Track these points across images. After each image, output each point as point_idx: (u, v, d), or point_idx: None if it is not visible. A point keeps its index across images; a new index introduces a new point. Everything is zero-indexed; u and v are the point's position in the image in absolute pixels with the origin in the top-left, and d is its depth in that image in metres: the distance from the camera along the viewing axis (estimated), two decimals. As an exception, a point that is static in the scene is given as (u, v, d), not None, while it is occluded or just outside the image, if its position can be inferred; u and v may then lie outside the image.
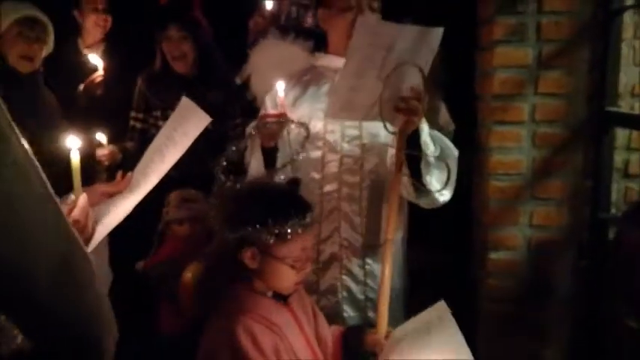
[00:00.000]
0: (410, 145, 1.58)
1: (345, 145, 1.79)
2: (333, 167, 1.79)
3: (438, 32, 1.53)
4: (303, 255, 1.47)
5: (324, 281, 1.82)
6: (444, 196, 1.68)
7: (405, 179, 1.64)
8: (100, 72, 2.70)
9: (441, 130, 1.83)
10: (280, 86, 1.72)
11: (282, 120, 1.67)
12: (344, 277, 1.83)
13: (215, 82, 2.63)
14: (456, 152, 1.70)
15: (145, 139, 2.54)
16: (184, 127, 1.46)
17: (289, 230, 1.41)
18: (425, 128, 1.60)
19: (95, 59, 2.72)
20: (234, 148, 1.76)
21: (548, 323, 2.11)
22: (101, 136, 2.48)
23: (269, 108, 1.84)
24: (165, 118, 2.51)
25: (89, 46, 2.88)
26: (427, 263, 2.33)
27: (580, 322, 2.11)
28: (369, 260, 1.82)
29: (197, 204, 2.17)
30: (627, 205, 2.09)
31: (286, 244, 1.42)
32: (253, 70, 2.00)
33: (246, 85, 2.05)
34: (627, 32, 2.02)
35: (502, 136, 2.08)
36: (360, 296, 1.84)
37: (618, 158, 2.08)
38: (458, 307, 1.66)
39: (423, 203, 1.73)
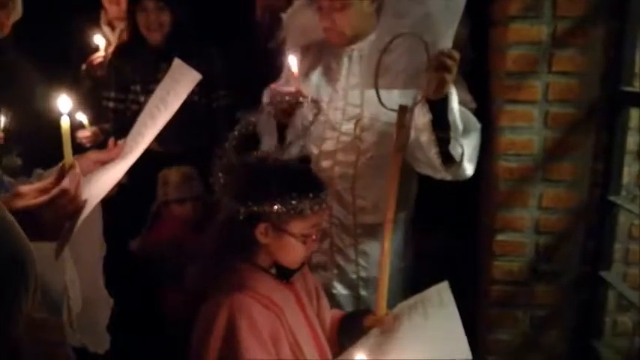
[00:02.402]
0: (437, 114, 1.53)
1: (345, 124, 1.75)
2: (330, 145, 1.76)
3: None
4: (315, 231, 1.45)
5: (314, 255, 1.80)
6: (469, 170, 1.65)
7: (433, 150, 1.59)
8: (101, 52, 2.62)
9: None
10: (293, 61, 1.66)
11: (298, 99, 1.62)
12: (335, 254, 1.80)
13: (191, 53, 2.53)
14: (478, 125, 1.65)
15: (124, 118, 2.45)
16: (176, 89, 1.40)
17: (308, 206, 1.38)
18: (454, 93, 1.55)
19: (99, 39, 2.65)
20: (247, 122, 1.70)
21: (554, 307, 2.09)
22: (82, 117, 2.34)
23: (291, 68, 1.80)
24: (147, 92, 2.46)
25: (110, 22, 2.80)
26: (432, 244, 2.29)
27: (585, 305, 2.09)
28: (361, 239, 1.79)
29: (197, 182, 2.11)
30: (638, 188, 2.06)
31: (302, 220, 1.41)
32: (287, 34, 1.94)
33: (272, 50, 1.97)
34: (645, 10, 1.96)
35: (514, 115, 2.03)
36: (352, 275, 1.82)
37: (631, 140, 2.04)
38: (462, 289, 1.64)
39: (449, 175, 1.68)
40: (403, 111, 1.57)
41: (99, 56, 2.62)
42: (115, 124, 2.52)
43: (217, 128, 2.32)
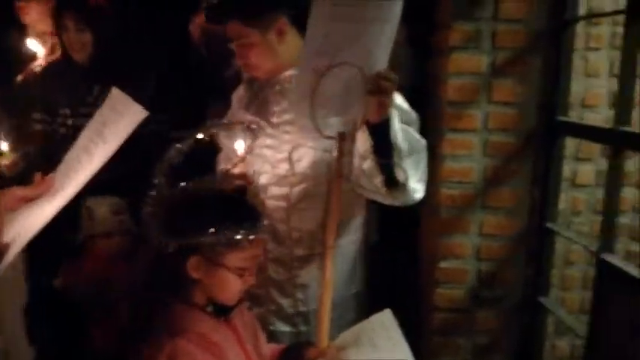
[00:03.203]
0: (378, 137, 1.51)
1: (279, 156, 1.71)
2: (264, 179, 1.72)
3: (399, 2, 1.41)
4: (252, 264, 1.40)
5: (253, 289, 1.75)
6: (419, 192, 1.62)
7: (377, 178, 1.56)
8: (40, 60, 2.45)
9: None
10: (239, 145, 1.62)
11: (247, 183, 1.58)
12: (271, 289, 1.76)
13: (120, 74, 2.39)
14: (423, 142, 1.62)
15: (51, 142, 2.31)
16: (116, 122, 1.33)
17: (241, 237, 1.32)
18: (395, 115, 1.52)
19: (34, 45, 2.47)
20: (178, 150, 1.64)
21: (495, 332, 2.11)
22: (2, 144, 2.07)
23: (235, 109, 1.81)
24: (77, 116, 2.33)
25: (39, 35, 2.62)
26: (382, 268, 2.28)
27: (526, 330, 2.12)
28: (299, 272, 1.75)
29: (126, 215, 2.01)
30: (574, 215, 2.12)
31: (236, 252, 1.34)
32: None
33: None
34: (579, 43, 2.03)
35: (455, 143, 2.05)
36: (290, 310, 1.77)
37: (567, 168, 2.09)
38: (406, 317, 1.62)
39: (397, 201, 1.64)
40: (342, 138, 1.55)
41: (37, 65, 2.44)
42: (41, 147, 2.36)
43: (150, 155, 2.22)
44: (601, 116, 2.04)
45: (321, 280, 1.54)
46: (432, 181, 2.11)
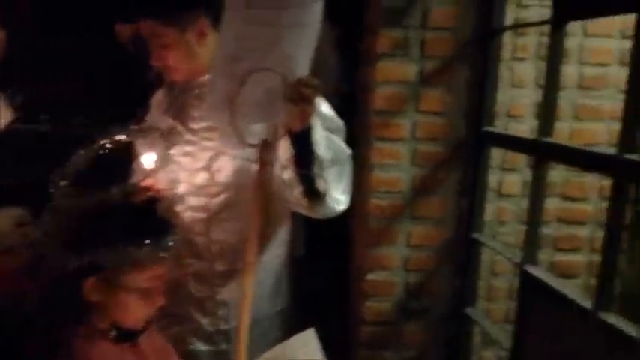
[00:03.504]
0: (299, 147, 1.43)
1: (198, 165, 1.61)
2: (182, 188, 1.61)
3: (319, 2, 1.34)
4: (159, 284, 1.28)
5: (170, 307, 1.64)
6: (342, 204, 1.54)
7: (297, 189, 1.48)
8: None
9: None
10: (146, 159, 1.50)
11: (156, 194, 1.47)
12: (190, 306, 1.65)
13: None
14: (348, 152, 1.55)
15: None
16: None
17: (146, 255, 1.21)
18: (317, 123, 1.44)
19: None
20: (81, 156, 1.50)
21: (423, 345, 2.08)
22: None
23: (155, 114, 1.70)
24: None
25: None
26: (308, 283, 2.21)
27: (453, 342, 2.10)
28: (220, 288, 1.66)
29: (30, 227, 1.85)
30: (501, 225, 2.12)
31: (138, 271, 1.23)
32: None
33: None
34: (506, 53, 2.04)
35: (383, 152, 2.01)
36: (210, 328, 1.67)
37: (493, 178, 2.09)
38: (333, 332, 1.56)
39: (319, 213, 1.56)
40: (263, 146, 1.47)
41: None
42: None
43: (63, 160, 2.06)
44: (526, 127, 2.05)
45: (241, 299, 1.45)
46: (361, 192, 2.08)
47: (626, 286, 2.20)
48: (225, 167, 1.60)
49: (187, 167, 1.62)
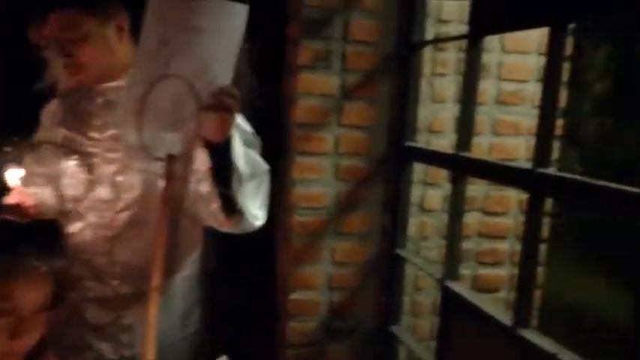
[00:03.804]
0: (218, 159, 1.35)
1: (100, 177, 1.50)
2: (80, 204, 1.49)
3: (243, 9, 1.30)
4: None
5: (67, 336, 1.50)
6: (259, 219, 1.47)
7: (215, 204, 1.39)
8: None
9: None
10: (10, 175, 1.38)
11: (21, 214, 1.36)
12: (88, 334, 1.52)
13: None
14: (266, 166, 1.49)
15: None
16: None
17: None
18: (237, 135, 1.37)
19: None
20: None
21: (349, 365, 2.03)
22: None
23: (47, 126, 1.55)
24: None
25: None
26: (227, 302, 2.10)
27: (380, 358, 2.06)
28: (124, 312, 1.53)
29: None
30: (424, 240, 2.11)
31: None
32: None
33: None
34: (427, 68, 2.04)
35: (305, 167, 1.95)
36: (112, 356, 1.54)
37: (416, 193, 2.08)
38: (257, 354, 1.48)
39: (236, 229, 1.48)
40: (172, 160, 1.37)
41: None
42: None
43: None
44: (447, 141, 2.06)
45: (146, 325, 1.34)
46: (284, 208, 2.01)
47: (547, 299, 2.23)
48: (131, 181, 1.49)
49: (88, 180, 1.50)
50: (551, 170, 1.34)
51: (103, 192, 1.49)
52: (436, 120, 2.06)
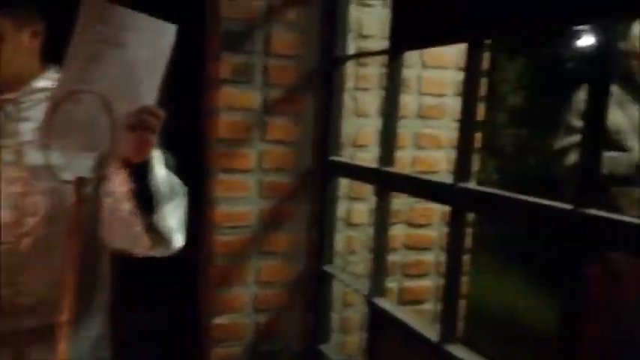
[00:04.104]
0: (138, 180, 1.26)
1: (2, 198, 1.38)
2: None
3: (172, 29, 1.25)
4: None
5: None
6: (179, 242, 1.40)
7: (137, 226, 1.30)
8: None
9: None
10: None
11: None
12: None
13: None
14: (184, 188, 1.42)
15: None
16: None
17: None
18: (158, 155, 1.30)
19: None
20: None
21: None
22: None
23: None
24: None
25: None
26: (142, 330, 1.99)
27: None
28: (28, 349, 1.41)
29: None
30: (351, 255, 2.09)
31: None
32: None
33: None
34: (349, 83, 2.03)
35: (228, 184, 1.89)
36: None
37: (342, 207, 2.06)
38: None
39: (157, 252, 1.40)
40: (80, 184, 1.28)
41: None
42: None
43: None
44: (371, 155, 2.06)
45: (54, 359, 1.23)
46: (206, 228, 1.93)
47: (472, 308, 2.27)
48: (37, 203, 1.37)
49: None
50: (472, 185, 1.35)
51: (4, 215, 1.36)
52: (360, 134, 2.05)
